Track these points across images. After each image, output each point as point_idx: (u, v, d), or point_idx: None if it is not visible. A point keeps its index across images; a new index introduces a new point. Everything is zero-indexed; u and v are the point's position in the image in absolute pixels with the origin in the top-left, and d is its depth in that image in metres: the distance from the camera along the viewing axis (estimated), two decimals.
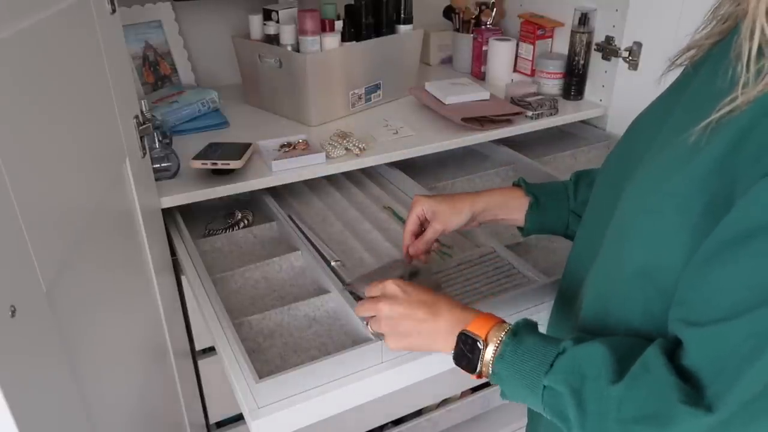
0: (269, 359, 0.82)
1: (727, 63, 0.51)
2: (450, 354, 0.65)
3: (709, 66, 0.57)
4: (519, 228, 0.88)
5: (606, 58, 1.39)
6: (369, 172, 1.32)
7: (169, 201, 1.02)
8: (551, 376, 0.56)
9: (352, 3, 1.37)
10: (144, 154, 0.91)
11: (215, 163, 1.05)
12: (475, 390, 1.24)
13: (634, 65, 1.32)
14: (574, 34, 1.41)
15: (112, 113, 0.78)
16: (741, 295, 0.47)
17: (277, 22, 1.30)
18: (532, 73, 1.53)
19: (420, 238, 0.87)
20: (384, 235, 1.08)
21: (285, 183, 1.13)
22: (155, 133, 1.02)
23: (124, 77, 0.84)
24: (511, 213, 0.87)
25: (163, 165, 1.05)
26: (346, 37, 1.33)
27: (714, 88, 0.52)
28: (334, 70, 1.30)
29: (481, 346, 0.62)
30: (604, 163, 0.73)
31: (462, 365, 0.64)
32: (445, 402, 1.24)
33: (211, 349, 1.14)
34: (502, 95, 1.44)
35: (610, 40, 1.37)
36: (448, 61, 1.76)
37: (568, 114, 1.40)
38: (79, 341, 0.63)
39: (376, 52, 1.37)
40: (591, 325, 0.64)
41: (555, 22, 1.50)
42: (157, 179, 1.00)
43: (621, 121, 1.40)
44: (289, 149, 1.17)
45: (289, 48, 1.29)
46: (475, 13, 1.63)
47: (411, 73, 1.49)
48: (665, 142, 0.57)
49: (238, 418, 1.25)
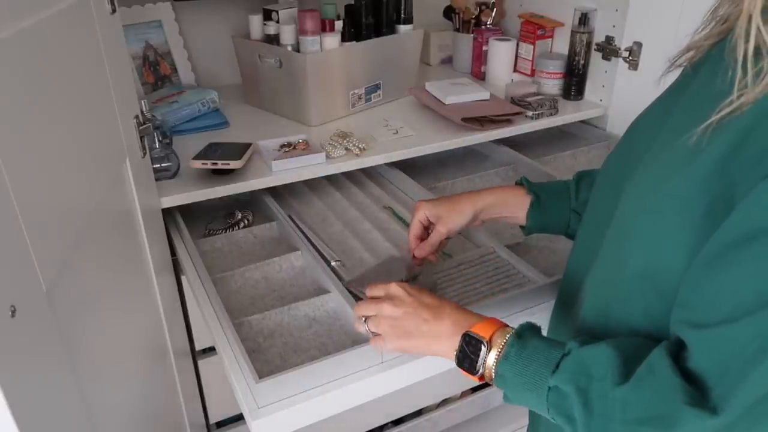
0: (269, 359, 0.82)
1: (726, 64, 0.50)
2: (448, 357, 0.65)
3: (708, 67, 0.57)
4: (521, 227, 0.88)
5: (606, 58, 1.39)
6: (369, 172, 1.32)
7: (169, 201, 1.02)
8: (557, 376, 0.56)
9: (352, 3, 1.37)
10: (144, 154, 0.91)
11: (215, 163, 1.05)
12: (475, 390, 1.24)
13: (634, 65, 1.32)
14: (574, 34, 1.41)
15: (112, 113, 0.78)
16: (744, 298, 0.47)
17: (277, 22, 1.30)
18: (532, 73, 1.53)
19: (425, 242, 0.88)
20: (384, 235, 1.08)
21: (285, 183, 1.13)
22: (155, 133, 1.02)
23: (124, 77, 0.84)
24: (512, 211, 0.87)
25: (163, 165, 1.05)
26: (346, 37, 1.33)
27: (713, 89, 0.52)
28: (334, 70, 1.30)
29: (485, 347, 0.61)
30: (604, 163, 0.73)
31: (465, 367, 0.63)
32: (445, 402, 1.24)
33: (211, 349, 1.14)
34: (502, 95, 1.44)
35: (610, 40, 1.37)
36: (448, 61, 1.76)
37: (568, 114, 1.40)
38: (79, 341, 0.63)
39: (376, 52, 1.37)
40: (591, 326, 0.64)
41: (555, 22, 1.50)
42: (157, 179, 1.00)
43: (621, 121, 1.40)
44: (289, 149, 1.17)
45: (289, 48, 1.29)
46: (475, 13, 1.63)
47: (411, 73, 1.49)
48: (665, 143, 0.57)
49: (238, 418, 1.25)
